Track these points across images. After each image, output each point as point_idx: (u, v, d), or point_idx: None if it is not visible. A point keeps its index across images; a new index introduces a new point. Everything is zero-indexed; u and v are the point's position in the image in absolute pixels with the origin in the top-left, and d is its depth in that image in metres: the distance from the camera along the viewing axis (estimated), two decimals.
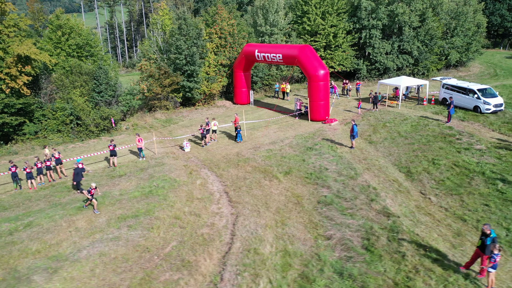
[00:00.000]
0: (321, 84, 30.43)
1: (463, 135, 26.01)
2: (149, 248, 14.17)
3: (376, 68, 45.61)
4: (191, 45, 34.55)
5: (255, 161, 22.98)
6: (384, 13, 43.55)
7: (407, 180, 19.88)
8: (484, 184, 18.92)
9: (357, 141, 25.75)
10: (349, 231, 15.07)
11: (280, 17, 41.48)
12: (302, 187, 19.24)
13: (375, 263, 13.00)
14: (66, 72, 29.26)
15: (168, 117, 34.44)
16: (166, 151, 25.60)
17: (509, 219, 15.57)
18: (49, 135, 27.40)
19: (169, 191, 18.88)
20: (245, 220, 16.01)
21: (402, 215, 16.42)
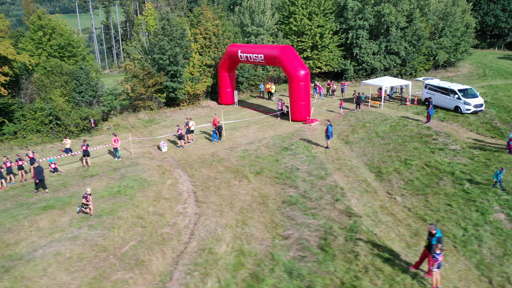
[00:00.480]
0: (302, 84, 30.49)
1: (440, 135, 26.08)
2: (107, 247, 14.25)
3: (363, 69, 45.65)
4: (175, 45, 34.62)
5: (229, 161, 23.05)
6: (371, 14, 43.57)
7: (376, 180, 19.94)
8: (452, 184, 18.98)
9: (333, 142, 25.80)
10: (308, 231, 15.13)
11: (267, 17, 41.54)
12: (270, 187, 19.31)
13: (327, 263, 13.07)
14: (47, 72, 29.33)
15: (151, 117, 34.53)
16: (143, 151, 25.68)
17: (468, 219, 15.63)
18: (28, 135, 27.51)
19: (137, 191, 18.96)
20: (206, 220, 16.08)
21: (364, 215, 16.48)
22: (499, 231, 14.90)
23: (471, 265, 12.92)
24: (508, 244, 14.05)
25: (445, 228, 15.11)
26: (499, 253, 13.53)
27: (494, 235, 14.63)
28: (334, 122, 30.24)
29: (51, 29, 31.02)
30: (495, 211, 16.37)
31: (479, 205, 16.75)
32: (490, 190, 17.98)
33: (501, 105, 31.61)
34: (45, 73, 29.56)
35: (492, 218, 15.78)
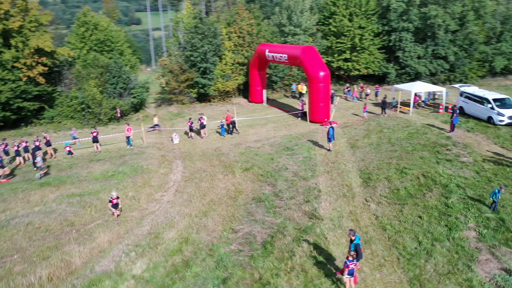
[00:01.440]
0: (321, 85, 30.31)
1: (457, 146, 24.67)
2: (74, 223, 15.72)
3: (406, 73, 43.82)
4: (207, 43, 36.00)
5: (227, 156, 23.80)
6: (416, 16, 41.69)
7: (361, 186, 19.51)
8: (438, 197, 18.08)
9: (340, 145, 25.50)
10: (260, 228, 15.43)
11: (305, 18, 41.49)
12: (250, 183, 19.75)
13: (259, 258, 13.34)
14: (86, 64, 32.14)
15: (181, 111, 36.27)
16: (155, 141, 27.28)
17: (430, 233, 14.93)
18: (63, 121, 30.39)
19: (128, 177, 20.41)
20: (171, 208, 17.00)
21: (327, 219, 16.37)
22: (459, 248, 14.08)
23: (405, 278, 12.46)
24: (460, 263, 13.27)
25: (400, 239, 14.60)
26: (444, 270, 12.86)
27: (450, 252, 13.87)
28: (353, 125, 29.77)
29: (93, 25, 33.83)
30: (467, 228, 15.41)
31: (451, 220, 15.85)
32: (474, 206, 16.88)
33: None
34: (84, 65, 32.38)
35: (458, 234, 14.90)
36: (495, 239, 14.73)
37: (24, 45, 27.72)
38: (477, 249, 14.14)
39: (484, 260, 13.55)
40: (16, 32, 27.85)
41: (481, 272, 12.95)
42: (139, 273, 12.65)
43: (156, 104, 39.02)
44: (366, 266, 13.13)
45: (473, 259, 13.54)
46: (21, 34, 28.09)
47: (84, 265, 12.95)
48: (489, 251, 14.04)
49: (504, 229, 15.39)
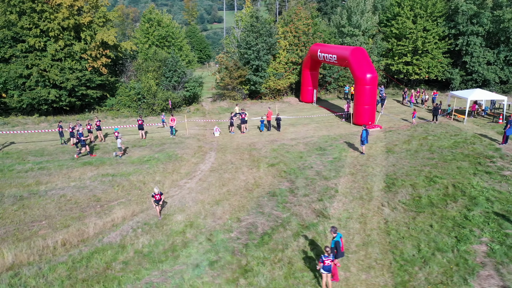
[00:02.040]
0: (367, 88, 29.89)
1: (504, 159, 23.18)
2: (100, 199, 17.51)
3: (473, 79, 41.25)
4: (261, 41, 36.97)
5: (259, 151, 24.56)
6: (488, 19, 39.06)
7: (382, 191, 19.21)
8: (460, 208, 17.35)
9: (376, 149, 25.14)
10: (265, 220, 16.01)
11: (365, 18, 40.77)
12: (271, 178, 20.35)
13: (253, 248, 13.96)
14: (146, 58, 34.72)
15: (231, 106, 37.64)
16: (197, 133, 28.83)
17: (435, 243, 14.50)
18: (121, 109, 33.16)
19: (161, 163, 22.03)
20: (189, 194, 18.16)
21: (335, 218, 16.51)
22: (461, 261, 13.56)
23: (391, 283, 12.36)
24: (457, 275, 12.82)
25: (400, 245, 14.38)
26: (436, 280, 12.53)
27: (450, 263, 13.41)
28: (398, 130, 29.09)
29: (157, 22, 36.36)
30: (478, 242, 14.72)
31: (463, 232, 15.21)
32: (496, 221, 16.00)
33: None
34: (145, 58, 34.97)
35: (466, 247, 14.30)
36: (506, 256, 13.91)
37: (91, 38, 30.72)
38: (482, 264, 13.49)
39: (485, 276, 12.93)
40: (86, 27, 30.92)
41: (477, 287, 12.39)
42: (140, 247, 13.89)
43: (212, 99, 40.78)
44: (355, 267, 13.17)
45: (472, 273, 12.97)
46: (90, 29, 31.12)
47: (95, 236, 14.50)
48: (495, 267, 13.33)
49: None
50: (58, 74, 29.75)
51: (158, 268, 12.68)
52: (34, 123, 30.61)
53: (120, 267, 12.71)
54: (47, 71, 29.84)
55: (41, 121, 31.06)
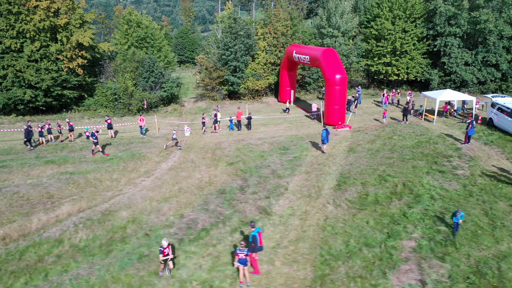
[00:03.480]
0: (337, 88, 30.32)
1: (461, 158, 23.59)
2: (53, 196, 18.08)
3: (451, 80, 41.57)
4: (239, 42, 37.48)
5: (223, 150, 25.07)
6: (465, 20, 39.38)
7: (332, 189, 19.64)
8: (402, 205, 17.81)
9: (339, 148, 25.58)
10: (206, 216, 16.52)
11: (344, 20, 41.17)
12: (227, 176, 20.85)
13: (186, 242, 14.50)
14: (125, 58, 35.33)
15: (209, 106, 38.18)
16: (169, 132, 29.35)
17: (365, 238, 14.98)
18: (98, 109, 33.79)
19: (123, 162, 22.59)
20: (140, 191, 18.71)
21: (277, 215, 16.98)
22: (386, 256, 14.03)
23: (311, 276, 12.83)
24: (377, 269, 13.30)
25: (331, 241, 14.86)
26: (355, 274, 12.99)
27: (374, 258, 13.86)
28: (366, 130, 29.48)
29: (136, 23, 36.98)
30: (408, 238, 15.18)
31: (396, 229, 15.68)
32: (432, 218, 16.47)
33: None
34: (124, 59, 35.59)
35: (394, 243, 14.77)
36: (431, 252, 14.37)
37: (67, 39, 31.36)
38: (405, 259, 13.94)
39: (405, 270, 13.38)
40: (62, 28, 31.57)
41: (395, 281, 12.86)
42: (77, 242, 14.44)
43: (196, 99, 41.29)
44: (280, 261, 13.65)
45: (393, 268, 13.43)
46: (67, 30, 31.77)
47: (37, 231, 15.06)
48: (417, 262, 13.79)
49: (449, 243, 14.89)
50: (34, 74, 30.41)
51: (88, 261, 13.22)
52: (10, 123, 31.28)
53: (52, 260, 13.27)
54: (22, 72, 30.50)
55: (17, 120, 31.73)
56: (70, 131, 26.54)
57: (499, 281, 12.92)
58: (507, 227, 16.02)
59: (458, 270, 13.45)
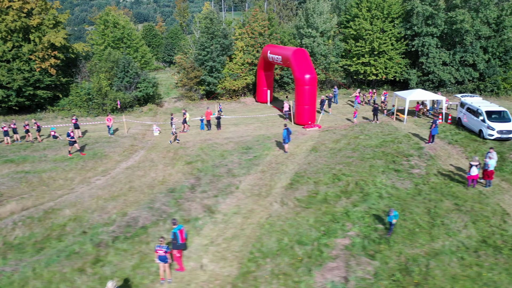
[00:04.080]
0: (307, 88, 30.43)
1: (421, 158, 23.69)
2: (3, 194, 18.27)
3: (429, 80, 41.60)
4: (215, 43, 37.65)
5: (186, 150, 25.23)
6: (442, 20, 39.42)
7: (283, 188, 19.74)
8: (348, 204, 17.95)
9: (302, 147, 25.69)
10: (149, 214, 16.67)
11: (322, 20, 41.29)
12: (181, 175, 21.00)
13: (121, 240, 14.65)
14: (101, 58, 35.53)
15: (186, 106, 38.34)
16: (138, 132, 29.54)
17: (300, 236, 15.12)
18: (73, 109, 34.00)
19: (83, 161, 22.77)
20: (90, 190, 18.88)
21: (221, 214, 17.13)
22: (316, 253, 14.18)
23: (235, 273, 12.98)
24: (303, 267, 13.44)
25: (266, 239, 14.97)
26: (280, 271, 13.12)
27: (304, 255, 14.00)
28: (334, 130, 29.59)
29: (113, 24, 37.20)
30: (343, 236, 15.32)
31: (334, 227, 15.83)
32: (372, 217, 16.60)
33: None
34: (100, 59, 35.80)
35: (328, 241, 14.90)
36: (362, 249, 14.49)
37: (40, 40, 31.60)
38: (335, 256, 14.06)
39: (332, 267, 13.52)
40: (35, 29, 31.80)
41: (319, 278, 12.99)
42: (11, 239, 14.62)
43: (177, 98, 41.47)
44: (208, 258, 13.79)
45: (320, 265, 13.55)
46: (40, 31, 32.00)
47: None
48: (346, 259, 13.92)
49: (383, 241, 15.01)
50: (6, 74, 30.62)
51: (17, 259, 13.38)
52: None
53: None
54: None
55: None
56: (37, 132, 26.70)
57: (423, 278, 13.03)
58: (446, 225, 16.12)
59: (385, 267, 13.56)
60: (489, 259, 14.04)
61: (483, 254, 14.38)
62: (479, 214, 16.98)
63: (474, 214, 16.97)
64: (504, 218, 16.77)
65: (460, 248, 14.72)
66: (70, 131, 23.18)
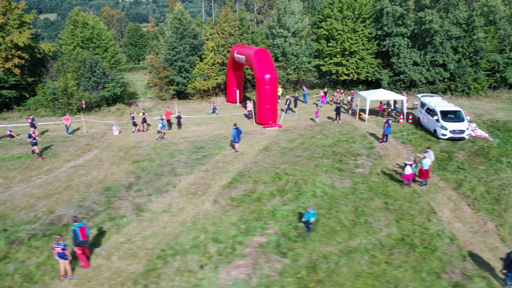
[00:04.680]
0: (267, 88, 30.51)
1: (369, 157, 23.80)
2: None
3: (401, 80, 41.69)
4: (184, 43, 37.79)
5: (138, 149, 25.35)
6: (412, 20, 39.51)
7: (221, 187, 19.79)
8: (279, 203, 18.07)
9: (254, 147, 25.77)
10: (76, 212, 16.80)
11: (293, 20, 41.39)
12: (124, 174, 21.12)
13: (38, 238, 14.79)
14: (69, 58, 35.69)
15: (154, 106, 38.50)
16: (98, 131, 29.68)
17: (217, 234, 15.26)
18: (39, 109, 34.16)
19: (30, 160, 22.91)
20: (26, 188, 19.02)
21: (150, 212, 17.27)
22: (228, 251, 14.32)
23: (140, 269, 13.10)
24: (211, 264, 13.56)
25: (183, 236, 15.09)
26: (185, 269, 13.24)
27: (215, 253, 14.11)
28: (293, 130, 29.64)
29: (82, 24, 37.39)
30: (261, 234, 15.46)
31: (254, 225, 15.96)
32: (297, 214, 16.73)
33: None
34: (68, 59, 35.97)
35: (244, 239, 15.02)
36: (276, 247, 14.61)
37: (3, 39, 31.78)
38: (246, 254, 14.17)
39: (239, 265, 13.66)
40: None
41: (223, 275, 13.18)
42: None
43: (152, 98, 41.59)
44: (117, 256, 13.91)
45: (229, 262, 13.67)
46: (4, 31, 32.17)
47: None
48: (256, 257, 14.04)
49: (300, 239, 15.12)
50: None
51: None
52: None
53: None
54: None
55: None
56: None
57: (328, 275, 13.14)
58: (369, 224, 16.23)
59: (294, 265, 13.68)
60: (401, 257, 14.14)
61: (397, 252, 14.48)
62: (405, 213, 17.09)
63: (400, 213, 17.07)
64: (430, 216, 16.87)
65: (376, 246, 14.82)
66: (32, 132, 23.08)
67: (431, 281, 12.92)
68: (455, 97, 40.37)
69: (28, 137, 23.09)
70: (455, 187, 19.55)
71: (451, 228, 16.08)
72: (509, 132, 27.61)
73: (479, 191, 19.05)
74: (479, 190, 19.20)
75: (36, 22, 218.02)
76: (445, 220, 16.62)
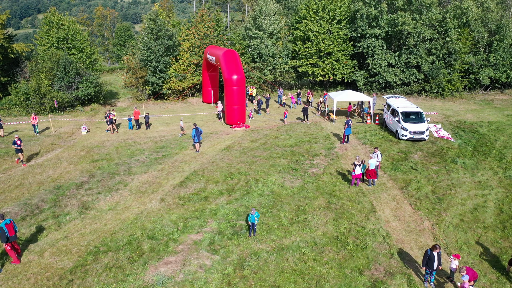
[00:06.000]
0: (235, 88, 30.84)
1: (326, 157, 24.14)
2: None
3: (376, 81, 42.09)
4: (159, 43, 38.10)
5: (100, 149, 25.64)
6: (386, 22, 39.92)
7: (172, 186, 20.08)
8: (224, 201, 18.37)
9: (216, 147, 26.08)
10: (22, 210, 17.09)
11: (269, 21, 41.76)
12: (79, 173, 21.42)
13: None
14: (43, 59, 35.95)
15: (129, 106, 38.79)
16: (67, 131, 29.96)
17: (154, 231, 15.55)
18: (12, 108, 34.42)
19: None
20: None
21: (95, 210, 17.60)
22: (161, 248, 14.64)
23: (70, 265, 13.39)
24: (141, 260, 13.87)
25: (120, 233, 15.40)
26: (116, 264, 13.54)
27: (148, 249, 14.43)
28: (260, 130, 29.94)
29: (57, 24, 37.67)
30: (197, 231, 15.81)
31: (194, 223, 16.31)
32: (242, 214, 17.08)
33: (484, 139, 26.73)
34: (43, 59, 36.22)
35: (180, 236, 15.33)
36: (210, 245, 14.91)
37: None
38: (178, 251, 14.48)
39: (169, 261, 13.97)
40: None
41: (151, 271, 13.44)
42: None
43: (131, 98, 41.87)
44: (51, 252, 14.23)
45: (159, 259, 13.99)
46: None
47: None
48: (187, 254, 14.35)
49: (235, 237, 15.44)
50: None
51: None
52: None
53: None
54: None
55: None
56: None
57: (253, 272, 13.45)
58: (307, 222, 16.58)
59: (224, 261, 13.99)
60: (330, 255, 14.48)
61: (328, 249, 14.82)
62: (345, 212, 17.43)
63: (341, 212, 17.42)
64: (369, 215, 17.21)
65: (308, 244, 15.15)
66: (17, 138, 22.27)
67: (353, 278, 13.26)
68: (429, 99, 40.80)
69: (13, 143, 22.27)
70: (402, 187, 19.90)
71: (387, 226, 16.40)
72: (473, 133, 27.98)
73: (425, 191, 19.39)
74: (425, 190, 19.55)
75: (34, 22, 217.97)
76: (383, 219, 16.95)
